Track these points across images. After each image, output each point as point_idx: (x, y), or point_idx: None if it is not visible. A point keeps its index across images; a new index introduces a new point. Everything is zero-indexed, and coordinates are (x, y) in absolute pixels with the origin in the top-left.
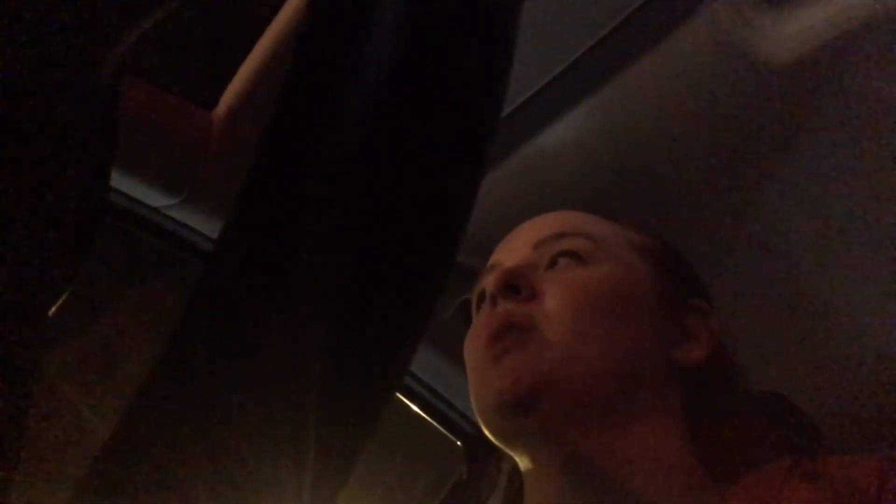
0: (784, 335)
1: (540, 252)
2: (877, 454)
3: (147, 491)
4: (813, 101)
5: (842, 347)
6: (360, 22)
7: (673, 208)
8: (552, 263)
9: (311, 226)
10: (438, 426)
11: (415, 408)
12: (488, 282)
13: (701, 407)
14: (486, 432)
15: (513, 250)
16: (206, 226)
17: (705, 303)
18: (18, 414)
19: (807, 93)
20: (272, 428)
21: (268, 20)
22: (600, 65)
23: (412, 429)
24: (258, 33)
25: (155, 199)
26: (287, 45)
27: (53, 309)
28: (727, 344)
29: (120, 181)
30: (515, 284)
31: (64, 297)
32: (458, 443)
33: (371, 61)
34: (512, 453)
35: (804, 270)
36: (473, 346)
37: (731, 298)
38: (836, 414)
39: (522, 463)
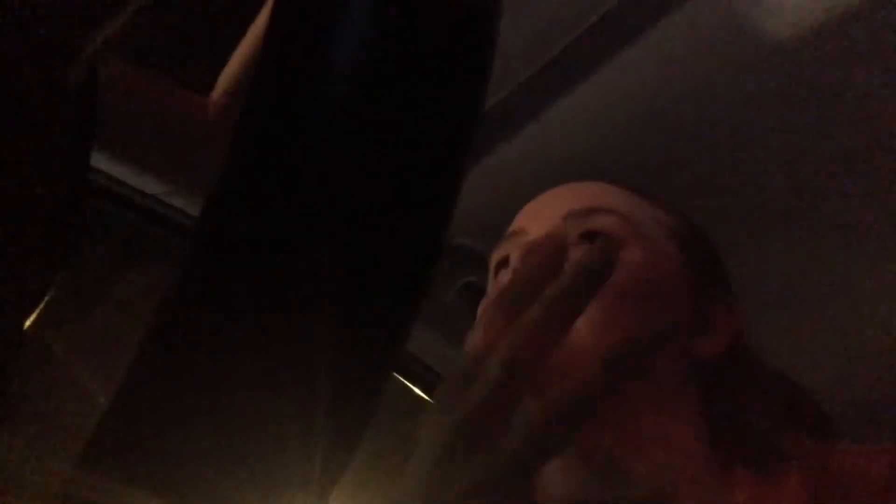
0: (787, 321)
1: (569, 225)
2: (888, 444)
3: (151, 464)
4: (816, 76)
5: (845, 337)
6: (334, 3)
7: (676, 186)
8: (581, 240)
9: (289, 211)
10: None
11: (418, 391)
12: (513, 250)
13: (718, 397)
14: None
15: (540, 219)
16: None
17: (728, 293)
18: None
19: (810, 68)
20: (279, 402)
21: (261, 3)
22: (605, 40)
23: (415, 412)
24: (252, 16)
25: (152, 185)
26: None
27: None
28: (749, 334)
29: (117, 168)
30: None
31: (41, 307)
32: None
33: (346, 41)
34: None
35: (803, 251)
36: None
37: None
38: (839, 404)
39: None
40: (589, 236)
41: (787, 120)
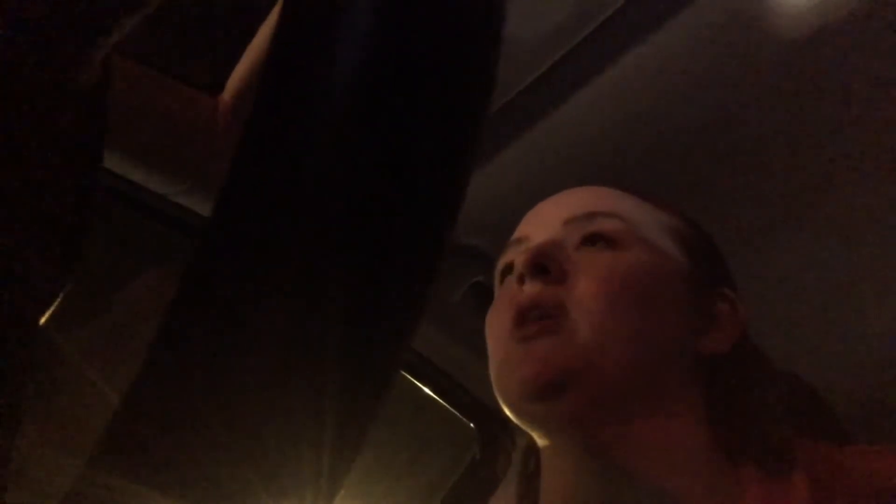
0: (787, 321)
1: (570, 230)
2: (894, 445)
3: (161, 462)
4: (817, 78)
5: (846, 337)
6: (336, 4)
7: (680, 186)
8: (582, 244)
9: (296, 211)
10: (451, 408)
11: (427, 391)
12: (517, 257)
13: (724, 395)
14: (508, 413)
15: (542, 225)
16: None
17: (732, 291)
18: (10, 425)
19: (811, 70)
20: (288, 400)
21: (271, 3)
22: (611, 41)
23: (425, 412)
24: (262, 17)
25: (162, 186)
26: None
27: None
28: (752, 334)
29: (127, 168)
30: (545, 265)
31: (55, 304)
32: (472, 424)
33: (349, 40)
34: (532, 433)
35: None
36: (498, 323)
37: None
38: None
39: (541, 441)
40: (590, 240)
41: (789, 120)
